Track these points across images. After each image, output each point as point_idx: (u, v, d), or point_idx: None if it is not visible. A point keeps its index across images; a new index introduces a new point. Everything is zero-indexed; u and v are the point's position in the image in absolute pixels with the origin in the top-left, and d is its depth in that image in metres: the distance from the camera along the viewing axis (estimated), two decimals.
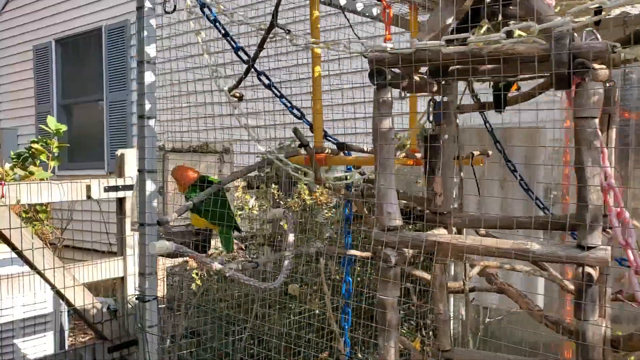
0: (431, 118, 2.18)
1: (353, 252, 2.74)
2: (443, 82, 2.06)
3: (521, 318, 3.60)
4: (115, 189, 4.75)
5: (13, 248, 4.14)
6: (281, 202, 6.02)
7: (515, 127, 3.67)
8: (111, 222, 8.84)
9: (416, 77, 1.95)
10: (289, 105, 2.69)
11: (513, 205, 3.76)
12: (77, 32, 11.05)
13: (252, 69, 2.64)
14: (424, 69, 2.06)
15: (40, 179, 7.41)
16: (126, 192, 4.77)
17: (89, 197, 4.59)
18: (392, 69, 1.85)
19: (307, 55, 2.66)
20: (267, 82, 2.66)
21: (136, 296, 3.13)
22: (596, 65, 1.65)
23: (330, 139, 2.86)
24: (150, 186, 2.75)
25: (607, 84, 1.95)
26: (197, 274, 6.05)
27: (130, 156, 4.79)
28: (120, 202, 4.82)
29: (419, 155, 2.85)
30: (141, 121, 2.80)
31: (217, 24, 2.57)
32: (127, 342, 4.82)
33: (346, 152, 2.74)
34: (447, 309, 2.28)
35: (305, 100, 2.89)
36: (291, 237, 2.64)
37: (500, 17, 1.95)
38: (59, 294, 4.51)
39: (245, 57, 2.63)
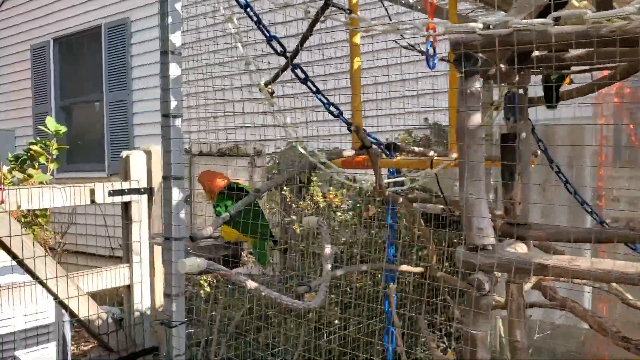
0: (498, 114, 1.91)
1: (406, 267, 2.46)
2: (522, 72, 1.78)
3: (564, 332, 3.36)
4: (121, 192, 4.54)
5: (14, 257, 3.96)
6: (293, 204, 5.80)
7: (556, 124, 3.42)
8: (111, 225, 8.64)
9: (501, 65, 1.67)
10: (325, 101, 2.41)
11: (556, 209, 3.50)
12: (76, 31, 10.82)
13: (287, 62, 2.34)
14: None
15: (39, 182, 7.20)
16: (132, 195, 4.57)
17: (92, 201, 4.38)
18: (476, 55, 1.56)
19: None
20: (302, 76, 2.36)
21: (161, 321, 2.83)
22: None
23: (371, 138, 2.56)
24: (177, 195, 2.43)
25: None
26: (205, 280, 5.81)
27: (135, 158, 4.59)
28: (126, 206, 4.61)
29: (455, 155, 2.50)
30: (166, 120, 2.46)
31: (249, 9, 2.28)
32: (134, 354, 4.62)
33: (391, 153, 2.46)
34: (524, 335, 2.00)
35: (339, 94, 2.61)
36: (328, 250, 2.34)
37: None
38: (62, 305, 4.32)
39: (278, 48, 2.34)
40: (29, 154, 7.60)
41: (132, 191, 4.61)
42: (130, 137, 9.91)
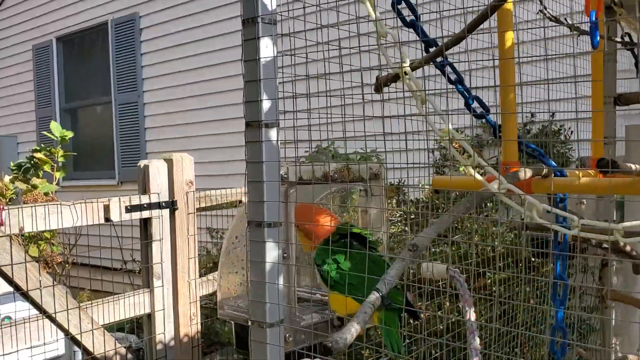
0: None
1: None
2: None
3: None
4: (139, 208, 3.98)
5: (17, 288, 3.41)
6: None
7: None
8: (127, 237, 8.02)
9: None
10: (467, 95, 1.68)
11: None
12: (81, 28, 10.31)
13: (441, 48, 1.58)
14: None
15: (44, 192, 6.65)
16: (152, 211, 4.02)
17: (107, 219, 3.83)
18: None
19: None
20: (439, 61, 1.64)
21: None
22: None
23: (530, 149, 1.80)
24: (272, 252, 1.46)
25: None
26: None
27: (155, 168, 4.06)
28: (145, 222, 4.05)
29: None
30: (253, 133, 1.48)
31: None
32: None
33: (558, 172, 1.71)
34: None
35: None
36: (473, 316, 1.61)
37: None
38: (74, 341, 3.78)
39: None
40: (32, 162, 7.09)
41: (152, 206, 4.07)
42: (141, 141, 9.36)
